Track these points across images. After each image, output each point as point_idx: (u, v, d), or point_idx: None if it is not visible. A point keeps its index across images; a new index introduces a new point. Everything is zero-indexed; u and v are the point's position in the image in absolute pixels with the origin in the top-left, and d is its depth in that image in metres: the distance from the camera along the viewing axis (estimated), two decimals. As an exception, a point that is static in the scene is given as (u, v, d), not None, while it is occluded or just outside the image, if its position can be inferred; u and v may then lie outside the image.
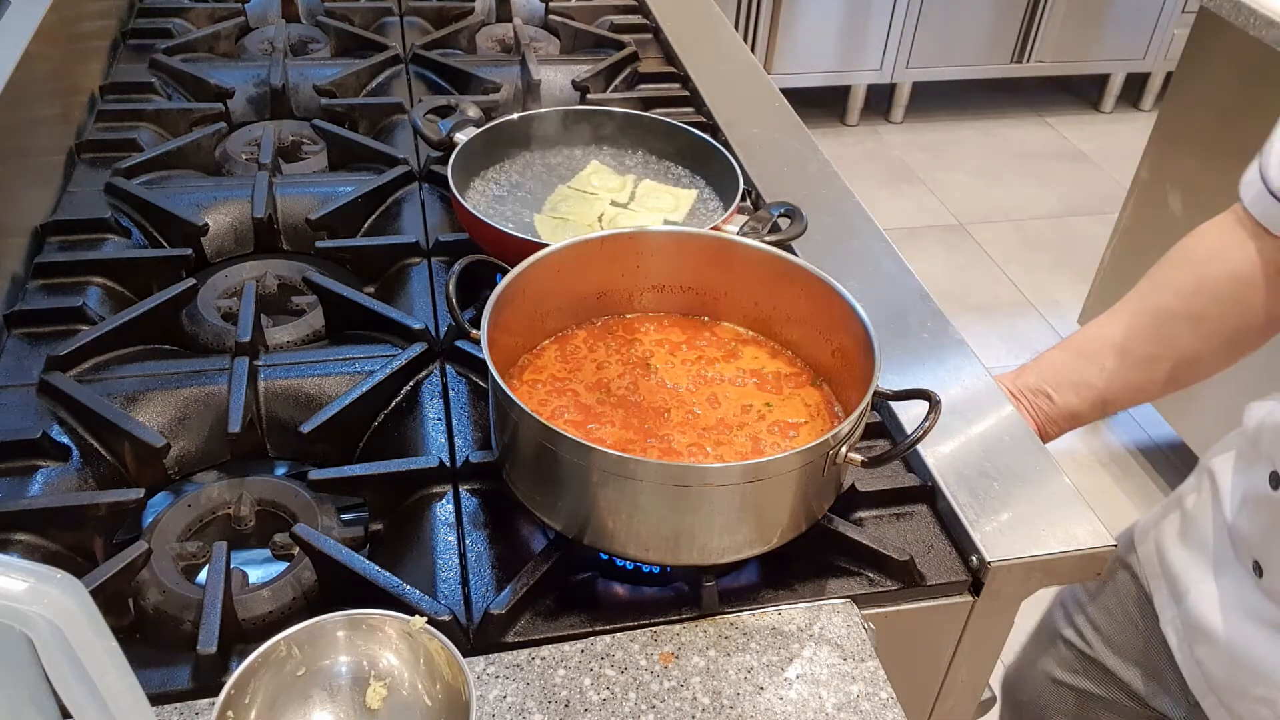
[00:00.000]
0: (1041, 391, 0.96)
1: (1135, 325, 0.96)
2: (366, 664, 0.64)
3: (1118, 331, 0.96)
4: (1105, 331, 0.97)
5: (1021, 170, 3.66)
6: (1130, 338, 0.95)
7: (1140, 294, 0.98)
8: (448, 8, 1.59)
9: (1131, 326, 0.96)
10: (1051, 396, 0.96)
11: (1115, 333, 0.96)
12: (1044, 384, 0.97)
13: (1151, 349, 0.94)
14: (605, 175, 1.11)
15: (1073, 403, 0.96)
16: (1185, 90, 2.20)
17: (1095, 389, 0.95)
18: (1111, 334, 0.96)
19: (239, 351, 0.92)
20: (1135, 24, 3.76)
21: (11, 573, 0.47)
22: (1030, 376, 0.98)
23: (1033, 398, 0.96)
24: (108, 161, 1.18)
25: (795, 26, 3.45)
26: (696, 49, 1.51)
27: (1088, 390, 0.95)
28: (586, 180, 1.11)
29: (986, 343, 2.83)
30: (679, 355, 0.87)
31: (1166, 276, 0.97)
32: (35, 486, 0.81)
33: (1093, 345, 0.97)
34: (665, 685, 0.70)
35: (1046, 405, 0.96)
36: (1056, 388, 0.96)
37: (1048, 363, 0.98)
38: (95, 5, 1.41)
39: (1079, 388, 0.96)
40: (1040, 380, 0.97)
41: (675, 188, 1.10)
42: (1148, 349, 0.94)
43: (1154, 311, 0.96)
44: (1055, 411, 0.96)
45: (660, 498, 0.69)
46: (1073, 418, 0.97)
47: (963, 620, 0.81)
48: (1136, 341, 0.95)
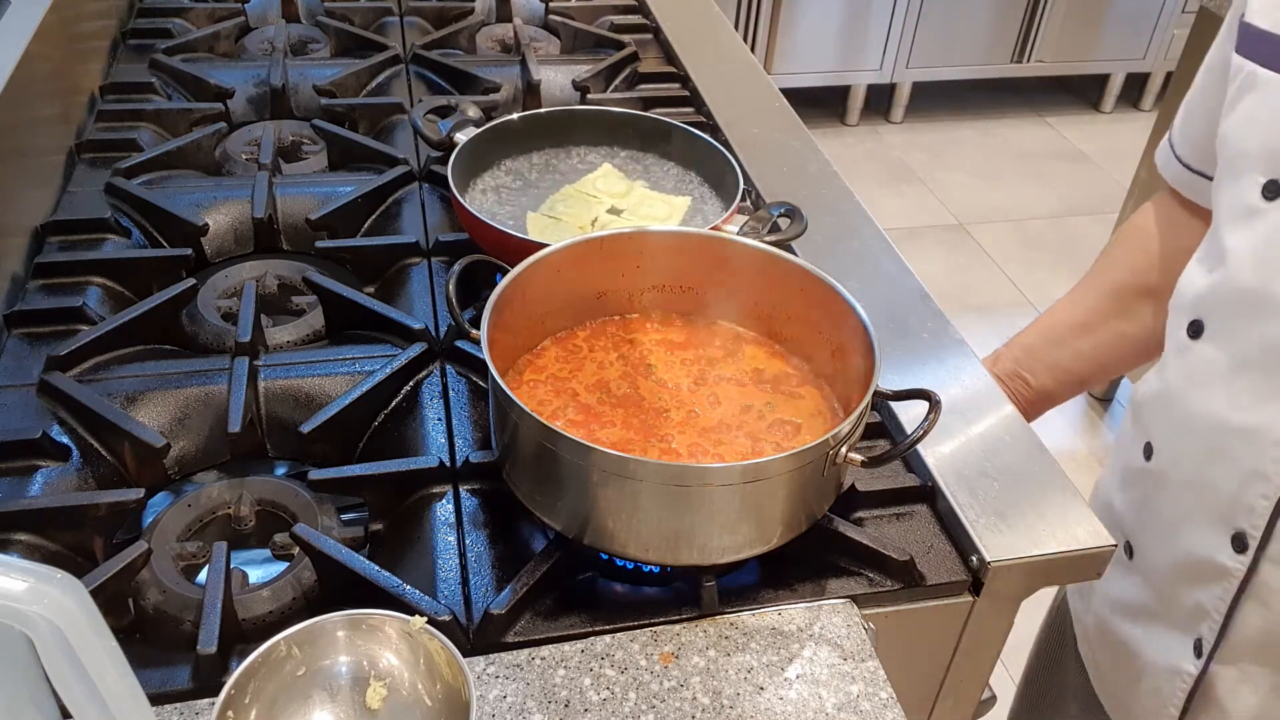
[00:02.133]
0: (1018, 376, 0.99)
1: (1099, 305, 0.98)
2: (366, 664, 0.64)
3: (1082, 312, 0.99)
4: (1071, 313, 0.99)
5: (1021, 170, 3.66)
6: (1095, 317, 0.98)
7: (1097, 274, 1.00)
8: (448, 8, 1.59)
9: (1096, 307, 0.98)
10: (1028, 380, 0.99)
11: (1080, 314, 0.99)
12: (1019, 368, 0.99)
13: (1118, 325, 0.97)
14: (613, 180, 1.11)
15: (1048, 385, 0.99)
16: (1185, 90, 2.19)
17: (1069, 370, 0.98)
18: (1077, 315, 0.99)
19: (239, 351, 0.92)
20: (1135, 24, 3.76)
21: (11, 573, 0.47)
22: (1006, 361, 1.00)
23: (1011, 381, 0.99)
24: (108, 161, 1.18)
25: (795, 26, 3.45)
26: (696, 49, 1.51)
27: (1062, 372, 0.98)
28: (592, 183, 1.10)
29: (986, 343, 2.80)
30: (679, 355, 0.87)
31: (1120, 254, 1.00)
32: (35, 486, 0.81)
33: (1061, 328, 0.99)
34: (665, 685, 0.70)
35: (1024, 389, 0.99)
36: (1032, 372, 0.99)
37: (1021, 347, 1.01)
38: (95, 5, 1.41)
39: (1054, 370, 0.98)
40: (1015, 365, 1.00)
41: (669, 195, 1.10)
42: (1114, 325, 0.97)
43: (1114, 289, 0.98)
44: (1032, 394, 0.99)
45: (660, 498, 0.69)
46: (1049, 398, 1.00)
47: (963, 620, 0.81)
48: (1101, 320, 0.97)
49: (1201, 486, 0.80)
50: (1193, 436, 0.81)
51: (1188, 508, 0.82)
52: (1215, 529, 0.79)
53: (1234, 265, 0.77)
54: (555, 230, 1.03)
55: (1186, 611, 0.83)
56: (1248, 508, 0.76)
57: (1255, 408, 0.75)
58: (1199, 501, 0.80)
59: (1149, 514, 0.86)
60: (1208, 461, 0.79)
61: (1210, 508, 0.79)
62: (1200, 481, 0.80)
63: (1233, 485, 0.77)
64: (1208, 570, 0.80)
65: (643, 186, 1.11)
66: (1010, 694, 1.97)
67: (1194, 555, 0.81)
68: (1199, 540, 0.80)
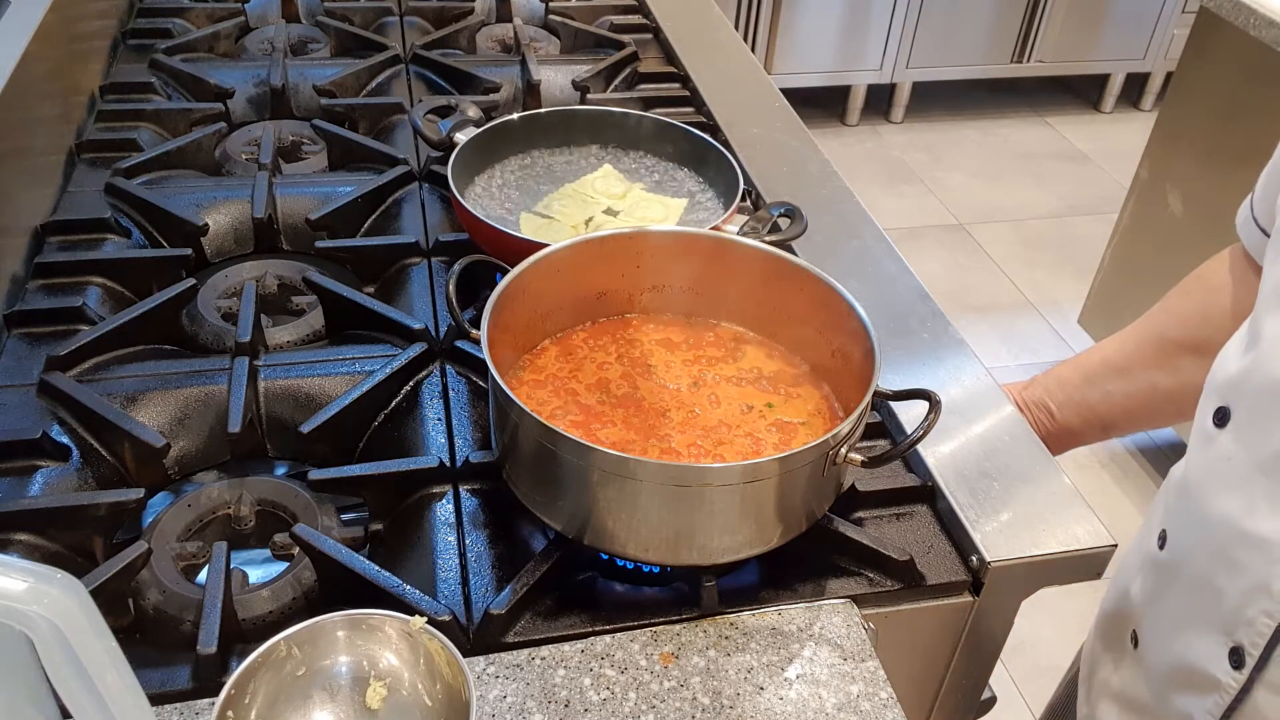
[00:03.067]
0: (1044, 406, 0.96)
1: (1139, 351, 0.94)
2: (366, 664, 0.64)
3: (1123, 355, 0.95)
4: (1111, 354, 0.96)
5: (1021, 170, 3.66)
6: (1134, 363, 0.94)
7: (1150, 318, 0.95)
8: (448, 8, 1.59)
9: (1137, 352, 0.94)
10: (1053, 413, 0.95)
11: (1119, 356, 0.95)
12: (1048, 399, 0.96)
13: (1154, 376, 0.92)
14: (612, 181, 1.11)
15: (1073, 421, 0.95)
16: (1185, 90, 2.20)
17: (1095, 411, 0.94)
18: (1116, 357, 0.95)
19: (239, 351, 0.92)
20: (1135, 24, 3.76)
21: (11, 573, 0.47)
22: (1037, 389, 0.97)
23: (1036, 411, 0.96)
24: (108, 161, 1.18)
25: (795, 26, 3.45)
26: (696, 49, 1.51)
27: (1088, 412, 0.94)
28: (591, 183, 1.10)
29: (986, 343, 2.83)
30: (679, 355, 0.87)
31: (1176, 304, 0.95)
32: (35, 486, 0.81)
33: (1098, 367, 0.96)
34: (665, 685, 0.70)
35: (1048, 421, 0.96)
36: (1059, 405, 0.96)
37: (1055, 378, 0.97)
38: (95, 5, 1.41)
39: (1080, 408, 0.95)
40: (1045, 395, 0.96)
41: (666, 197, 1.10)
42: (1150, 375, 0.93)
43: (1158, 338, 0.94)
44: (1055, 428, 0.95)
45: (660, 498, 0.69)
46: (1073, 436, 0.96)
47: (963, 620, 0.81)
48: (1140, 367, 0.93)
49: (1207, 590, 0.73)
50: (1204, 535, 0.74)
51: (1191, 609, 0.76)
52: (1215, 638, 0.72)
53: (1268, 350, 0.70)
54: (548, 229, 1.03)
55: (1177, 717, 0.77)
56: (1249, 622, 0.69)
57: (1272, 516, 0.68)
58: (1202, 605, 0.74)
59: (1157, 608, 0.80)
60: (1216, 565, 0.73)
61: (1212, 614, 0.73)
62: (1206, 584, 0.73)
63: (1238, 595, 0.70)
64: (1202, 680, 0.74)
65: (640, 188, 1.11)
66: (1010, 694, 1.97)
67: (1190, 661, 0.75)
68: (1198, 647, 0.74)
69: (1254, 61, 1.99)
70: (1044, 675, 2.00)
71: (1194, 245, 2.21)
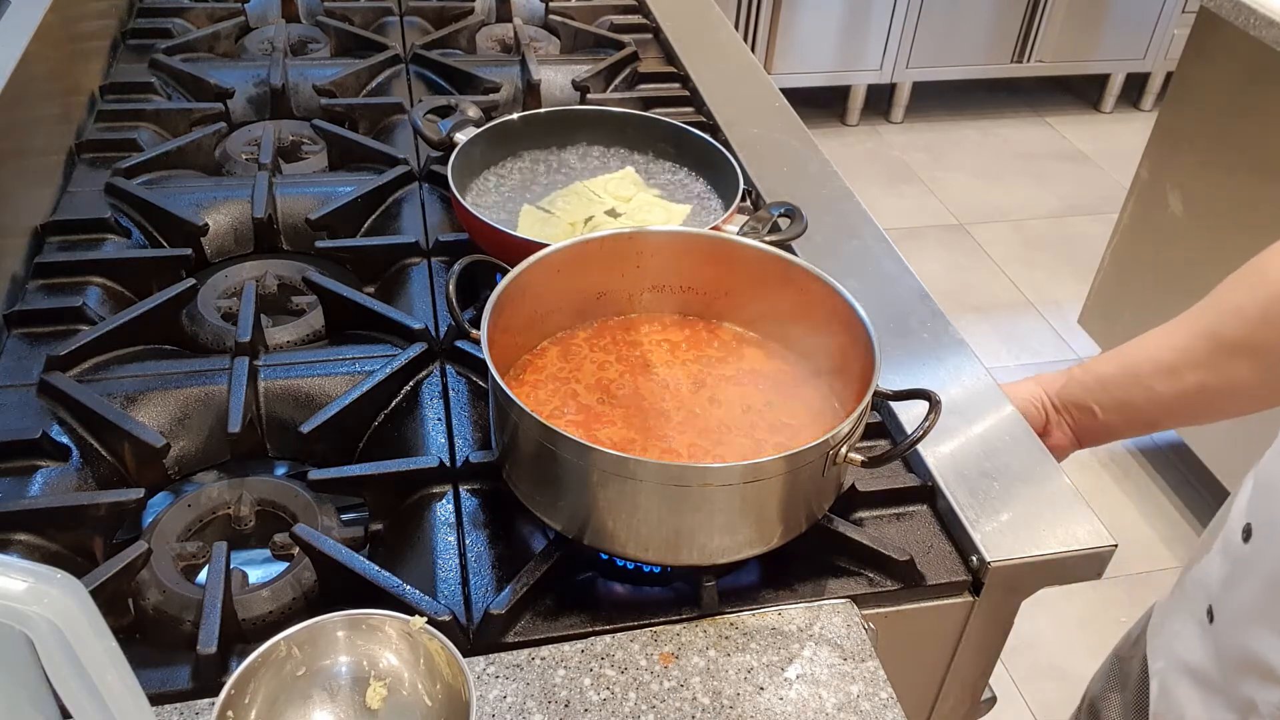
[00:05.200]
0: (1085, 407, 0.92)
1: (1190, 348, 0.88)
2: (366, 664, 0.65)
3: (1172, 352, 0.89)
4: (1158, 350, 0.90)
5: (1021, 170, 3.66)
6: (1183, 362, 0.88)
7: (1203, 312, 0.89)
8: (448, 8, 1.59)
9: (1188, 350, 0.88)
10: (1095, 413, 0.92)
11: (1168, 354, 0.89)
12: (1089, 399, 0.92)
13: (1204, 378, 0.87)
14: (626, 184, 1.10)
15: (1116, 422, 0.91)
16: (1185, 90, 2.20)
17: (1139, 411, 0.90)
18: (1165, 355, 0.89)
19: (239, 351, 0.92)
20: (1135, 24, 3.76)
21: (11, 573, 0.47)
22: (1076, 388, 0.93)
23: (1076, 413, 0.92)
24: (108, 161, 1.18)
25: (795, 26, 3.45)
26: (696, 49, 1.51)
27: (1133, 413, 0.91)
28: (604, 183, 1.10)
29: (986, 343, 2.83)
30: (679, 355, 0.87)
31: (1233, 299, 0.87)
32: (35, 486, 0.81)
33: (1144, 365, 0.90)
34: (665, 685, 0.70)
35: (1089, 421, 0.92)
36: (1102, 405, 0.91)
37: (1095, 377, 0.93)
38: (95, 5, 1.41)
39: (1124, 408, 0.91)
40: (1086, 394, 0.92)
41: (670, 202, 1.09)
42: (1199, 377, 0.87)
43: (1213, 336, 0.87)
44: (1097, 426, 0.92)
45: (660, 498, 0.69)
46: (1112, 433, 0.93)
47: (963, 620, 0.81)
48: (1190, 367, 0.87)
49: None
50: None
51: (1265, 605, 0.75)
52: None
53: None
54: (546, 225, 1.03)
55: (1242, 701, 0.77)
56: None
57: None
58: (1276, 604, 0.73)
59: (1234, 594, 0.79)
60: None
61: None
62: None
63: None
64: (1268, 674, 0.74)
65: (655, 194, 1.10)
66: (1010, 694, 1.97)
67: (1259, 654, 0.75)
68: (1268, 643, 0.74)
69: (1254, 61, 1.99)
70: (1044, 675, 2.00)
71: (1194, 245, 2.21)
